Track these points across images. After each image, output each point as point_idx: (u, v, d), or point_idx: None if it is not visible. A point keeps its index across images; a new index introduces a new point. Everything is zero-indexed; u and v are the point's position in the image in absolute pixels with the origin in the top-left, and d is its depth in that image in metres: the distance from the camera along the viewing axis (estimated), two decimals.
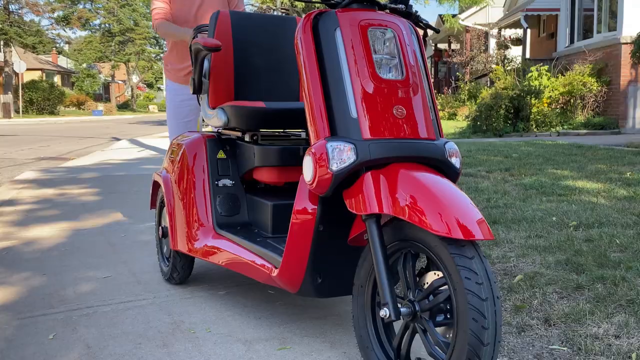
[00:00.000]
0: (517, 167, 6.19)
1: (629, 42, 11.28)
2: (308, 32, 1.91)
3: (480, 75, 19.55)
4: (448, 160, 1.87)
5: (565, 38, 14.94)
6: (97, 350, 2.13)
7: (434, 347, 1.67)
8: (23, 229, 4.14)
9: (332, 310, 2.53)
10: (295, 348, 2.14)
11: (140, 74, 55.50)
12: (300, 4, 19.35)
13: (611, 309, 2.34)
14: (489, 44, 21.18)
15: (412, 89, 1.87)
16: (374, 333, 1.86)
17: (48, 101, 31.47)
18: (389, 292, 1.68)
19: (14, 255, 3.47)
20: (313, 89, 1.87)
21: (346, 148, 1.76)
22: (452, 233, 1.53)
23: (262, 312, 2.50)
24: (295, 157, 2.42)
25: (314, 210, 1.89)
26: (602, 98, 12.48)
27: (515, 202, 4.39)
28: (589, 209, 4.04)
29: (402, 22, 1.97)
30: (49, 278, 3.01)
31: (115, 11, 42.88)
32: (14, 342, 2.22)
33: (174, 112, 3.62)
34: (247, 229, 2.54)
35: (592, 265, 2.84)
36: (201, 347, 2.16)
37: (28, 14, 35.17)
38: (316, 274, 1.98)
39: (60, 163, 8.79)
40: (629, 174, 5.61)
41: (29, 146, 12.24)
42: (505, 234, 3.49)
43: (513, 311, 2.39)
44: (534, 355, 2.03)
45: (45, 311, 2.54)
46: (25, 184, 6.25)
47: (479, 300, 1.51)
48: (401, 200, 1.65)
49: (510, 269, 2.90)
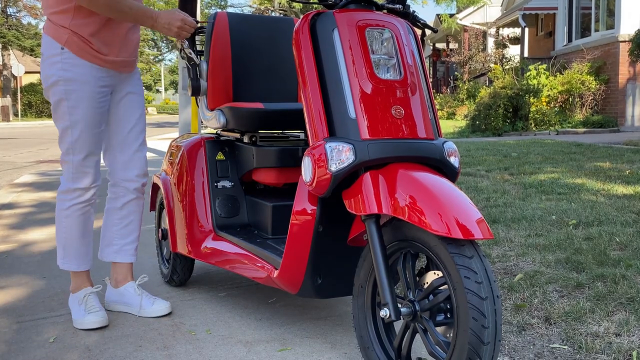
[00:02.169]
0: (516, 166, 6.19)
1: (627, 40, 11.28)
2: (306, 33, 1.91)
3: (479, 75, 19.57)
4: (447, 160, 1.87)
5: (563, 37, 14.95)
6: (97, 353, 2.13)
7: (434, 346, 1.67)
8: (22, 232, 4.14)
9: (332, 310, 2.52)
10: (296, 349, 2.14)
11: None
12: (298, 5, 19.36)
13: (611, 307, 2.34)
14: (487, 43, 21.19)
15: (411, 89, 1.87)
16: (375, 333, 1.86)
17: (47, 104, 31.42)
18: (389, 292, 1.68)
19: (14, 258, 3.46)
20: (311, 90, 1.87)
21: (345, 148, 1.76)
22: (452, 233, 1.53)
23: (262, 314, 2.50)
24: (294, 158, 2.42)
25: (313, 211, 1.89)
26: (601, 96, 12.48)
27: (515, 201, 4.39)
28: (588, 207, 4.04)
29: (400, 22, 1.97)
30: (48, 281, 3.01)
31: None
32: (14, 346, 2.21)
33: (90, 103, 2.37)
34: (247, 231, 2.53)
35: (592, 263, 2.84)
36: (202, 348, 2.16)
37: (26, 17, 35.15)
38: (316, 275, 1.98)
39: (59, 166, 8.77)
40: (628, 172, 5.62)
41: (28, 149, 12.23)
42: (505, 233, 3.49)
43: (513, 310, 2.39)
44: (535, 354, 2.03)
45: (45, 314, 2.54)
46: (24, 187, 6.25)
47: (478, 299, 1.51)
48: (400, 200, 1.65)
49: (510, 268, 2.90)
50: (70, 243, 2.47)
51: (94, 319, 2.37)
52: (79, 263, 2.50)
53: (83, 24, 2.29)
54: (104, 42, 2.35)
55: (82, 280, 2.51)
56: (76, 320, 2.40)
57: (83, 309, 2.40)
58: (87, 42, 2.31)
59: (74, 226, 2.45)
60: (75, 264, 2.49)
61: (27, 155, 10.95)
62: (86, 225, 2.49)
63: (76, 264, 2.49)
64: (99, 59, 2.34)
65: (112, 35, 2.36)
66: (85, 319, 2.37)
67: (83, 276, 2.52)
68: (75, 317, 2.41)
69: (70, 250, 2.48)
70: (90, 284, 2.53)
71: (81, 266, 2.50)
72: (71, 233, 2.46)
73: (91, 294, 2.47)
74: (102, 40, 2.34)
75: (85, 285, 2.51)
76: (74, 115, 2.34)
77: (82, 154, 2.39)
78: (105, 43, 2.35)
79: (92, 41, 2.31)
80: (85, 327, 2.36)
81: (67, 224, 2.45)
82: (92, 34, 2.31)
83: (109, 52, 2.37)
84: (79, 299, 2.45)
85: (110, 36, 2.36)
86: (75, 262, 2.49)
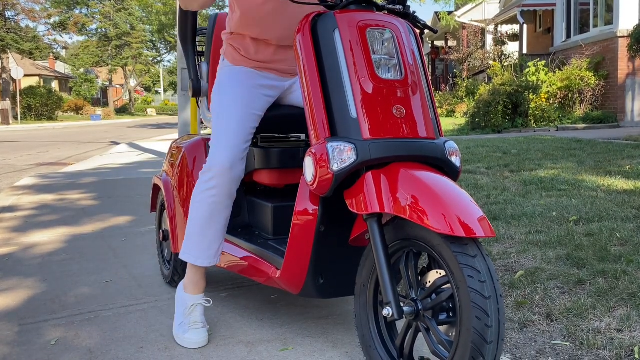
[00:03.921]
0: (516, 163, 6.19)
1: (626, 35, 11.27)
2: (307, 34, 1.92)
3: (478, 72, 19.57)
4: (448, 159, 1.87)
5: (561, 33, 14.94)
6: (99, 355, 2.14)
7: (437, 345, 1.67)
8: (23, 235, 4.14)
9: (334, 310, 2.53)
10: (298, 349, 2.14)
11: (137, 77, 55.48)
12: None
13: (613, 303, 2.34)
14: (486, 40, 21.18)
15: (411, 88, 1.87)
16: (377, 332, 1.86)
17: (46, 107, 31.44)
18: (392, 291, 1.68)
19: (15, 261, 3.46)
20: (313, 90, 1.87)
21: (346, 148, 1.76)
22: (454, 231, 1.53)
23: (264, 314, 2.50)
24: (295, 159, 2.42)
25: (315, 211, 1.89)
26: (600, 92, 12.48)
27: (515, 198, 4.39)
28: (588, 204, 4.04)
29: (400, 23, 1.97)
30: (50, 284, 3.01)
31: (112, 16, 42.85)
32: (16, 349, 2.22)
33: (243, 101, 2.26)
34: (248, 231, 2.54)
35: (593, 259, 2.84)
36: (203, 349, 2.16)
37: (24, 20, 35.10)
38: (318, 275, 1.98)
39: (60, 168, 8.78)
40: (628, 168, 5.62)
41: (28, 152, 12.24)
42: (505, 230, 3.49)
43: (515, 307, 2.39)
44: (537, 350, 2.03)
45: (47, 317, 2.54)
46: (25, 190, 6.25)
47: (482, 298, 1.51)
48: (402, 200, 1.65)
49: (512, 265, 2.90)
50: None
51: (193, 339, 2.19)
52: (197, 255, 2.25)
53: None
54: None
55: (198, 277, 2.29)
56: (176, 334, 2.24)
57: (187, 323, 2.23)
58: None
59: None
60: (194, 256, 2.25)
61: (27, 158, 10.95)
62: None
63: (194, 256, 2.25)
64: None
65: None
66: (186, 337, 2.20)
67: (199, 274, 2.29)
68: (176, 331, 2.25)
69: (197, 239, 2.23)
70: (202, 289, 2.30)
71: (197, 260, 2.25)
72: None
73: (198, 305, 2.26)
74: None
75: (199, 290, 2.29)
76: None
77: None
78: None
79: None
80: (183, 345, 2.19)
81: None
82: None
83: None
84: (186, 308, 2.26)
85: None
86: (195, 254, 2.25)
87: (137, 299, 2.75)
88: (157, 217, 3.12)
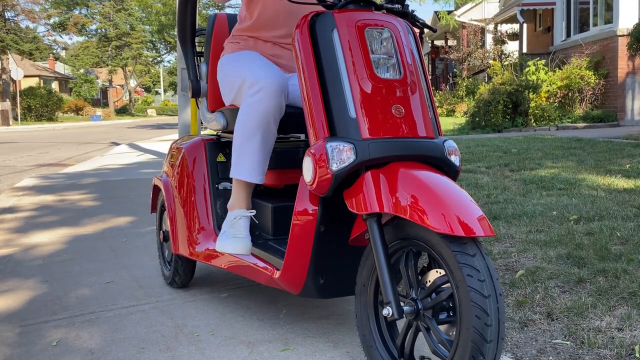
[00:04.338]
0: (516, 162, 6.19)
1: (626, 34, 11.27)
2: (305, 34, 1.92)
3: (478, 71, 19.56)
4: (447, 159, 1.87)
5: (561, 32, 14.94)
6: (100, 356, 2.14)
7: (437, 344, 1.67)
8: (24, 236, 4.15)
9: (334, 310, 2.53)
10: (299, 349, 2.14)
11: (137, 78, 55.47)
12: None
13: (613, 301, 2.34)
14: (486, 39, 21.18)
15: (410, 88, 1.87)
16: (377, 332, 1.87)
17: (46, 107, 31.43)
18: (392, 291, 1.68)
19: (15, 262, 3.47)
20: (311, 90, 1.87)
21: (345, 148, 1.76)
22: (454, 231, 1.54)
23: (264, 314, 2.50)
24: (294, 159, 2.42)
25: (314, 211, 1.89)
26: (600, 91, 12.48)
27: (516, 197, 4.39)
28: (589, 202, 4.04)
29: (399, 22, 1.97)
30: (50, 284, 3.01)
31: (111, 16, 42.86)
32: (17, 350, 2.22)
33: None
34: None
35: (594, 258, 2.84)
36: (204, 350, 2.16)
37: (24, 20, 35.13)
38: (318, 275, 1.98)
39: (60, 169, 8.79)
40: (629, 166, 5.62)
41: (28, 153, 12.24)
42: (506, 230, 3.49)
43: (515, 306, 2.39)
44: (537, 350, 2.03)
45: (47, 318, 2.55)
46: (25, 191, 6.25)
47: (481, 297, 1.51)
48: (402, 199, 1.65)
49: (512, 264, 2.90)
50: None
51: (234, 245, 2.24)
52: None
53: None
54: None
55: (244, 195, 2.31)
56: (219, 244, 2.29)
57: (231, 233, 2.28)
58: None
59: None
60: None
61: (27, 159, 10.95)
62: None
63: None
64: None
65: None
66: (228, 242, 2.25)
67: (245, 192, 2.31)
68: (220, 240, 2.29)
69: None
70: (247, 206, 2.33)
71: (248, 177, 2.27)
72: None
73: (242, 217, 2.30)
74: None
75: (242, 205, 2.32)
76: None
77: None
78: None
79: None
80: (224, 251, 2.25)
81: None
82: None
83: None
84: (230, 220, 2.31)
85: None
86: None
87: (138, 300, 2.75)
88: (158, 218, 3.12)
